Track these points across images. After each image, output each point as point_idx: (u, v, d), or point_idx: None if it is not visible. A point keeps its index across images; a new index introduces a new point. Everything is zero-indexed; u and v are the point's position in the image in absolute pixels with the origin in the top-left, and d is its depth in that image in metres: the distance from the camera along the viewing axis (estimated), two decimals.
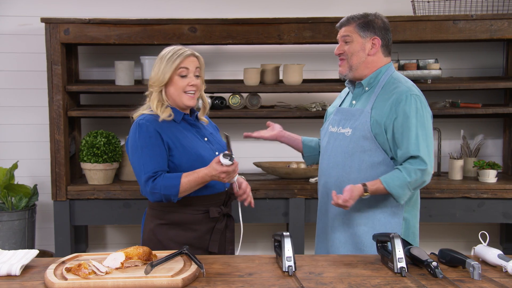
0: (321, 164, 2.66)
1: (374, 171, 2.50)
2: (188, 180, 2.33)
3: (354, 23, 2.55)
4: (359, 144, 2.51)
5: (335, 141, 2.58)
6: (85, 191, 3.79)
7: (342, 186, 2.48)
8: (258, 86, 3.87)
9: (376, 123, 2.48)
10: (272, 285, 1.93)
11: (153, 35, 3.70)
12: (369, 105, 2.52)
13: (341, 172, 2.54)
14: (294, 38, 3.71)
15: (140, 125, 2.39)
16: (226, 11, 4.01)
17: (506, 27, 3.65)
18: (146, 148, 2.36)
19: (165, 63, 2.40)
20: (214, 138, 2.54)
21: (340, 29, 2.60)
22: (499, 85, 3.86)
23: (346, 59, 2.56)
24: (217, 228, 2.47)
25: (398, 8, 4.00)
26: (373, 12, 2.60)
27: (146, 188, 2.36)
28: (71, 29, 3.67)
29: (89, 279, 1.86)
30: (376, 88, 2.55)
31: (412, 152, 2.44)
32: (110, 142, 3.80)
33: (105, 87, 3.85)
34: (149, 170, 2.35)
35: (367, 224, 2.54)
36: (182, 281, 1.89)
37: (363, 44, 2.54)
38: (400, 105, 2.46)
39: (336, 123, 2.61)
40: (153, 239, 2.46)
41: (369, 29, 2.54)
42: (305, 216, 3.78)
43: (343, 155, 2.54)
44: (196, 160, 2.39)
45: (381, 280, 1.98)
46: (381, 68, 2.57)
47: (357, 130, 2.51)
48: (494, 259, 2.09)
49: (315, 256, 2.25)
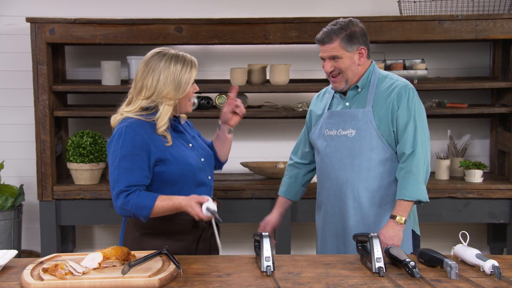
0: (323, 168, 2.64)
1: (382, 167, 2.54)
2: (162, 205, 2.20)
3: (337, 39, 2.51)
4: (366, 144, 2.53)
5: (337, 143, 2.58)
6: (71, 191, 3.78)
7: (354, 186, 2.54)
8: (245, 86, 3.87)
9: (381, 120, 2.52)
10: (250, 285, 1.93)
11: (139, 35, 3.69)
12: (368, 105, 2.55)
13: (350, 172, 2.55)
14: (280, 38, 3.71)
15: (126, 132, 2.22)
16: (212, 11, 4.01)
17: (491, 27, 3.66)
18: (126, 158, 2.20)
19: (180, 72, 2.26)
20: (197, 142, 2.45)
21: (322, 46, 2.55)
22: (485, 85, 3.87)
23: (341, 73, 2.55)
24: (204, 237, 2.41)
25: (384, 8, 4.01)
26: (345, 19, 2.55)
27: (117, 202, 2.20)
28: (57, 29, 3.66)
29: (65, 280, 1.86)
30: (370, 88, 2.57)
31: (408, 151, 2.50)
32: (96, 142, 3.79)
33: (91, 87, 3.84)
34: (124, 183, 2.19)
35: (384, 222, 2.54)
36: (159, 281, 1.89)
37: (352, 57, 2.53)
38: (402, 99, 2.51)
39: (333, 126, 2.60)
40: (137, 249, 2.30)
41: (353, 41, 2.52)
42: (291, 216, 3.78)
43: (349, 156, 2.55)
44: (186, 169, 2.30)
45: (358, 280, 1.99)
46: (369, 68, 2.60)
47: (362, 130, 2.53)
48: (472, 259, 2.10)
49: (295, 256, 2.26)
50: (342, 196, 2.58)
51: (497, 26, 3.66)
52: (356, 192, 2.55)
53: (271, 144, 4.22)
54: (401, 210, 2.47)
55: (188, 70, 2.30)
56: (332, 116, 2.63)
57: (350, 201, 2.56)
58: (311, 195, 3.76)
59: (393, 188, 2.56)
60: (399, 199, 2.48)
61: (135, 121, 2.25)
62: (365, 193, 2.55)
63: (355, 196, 2.55)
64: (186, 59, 2.32)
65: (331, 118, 2.63)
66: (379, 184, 2.54)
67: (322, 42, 2.55)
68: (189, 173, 2.31)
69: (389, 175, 2.55)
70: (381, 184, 2.55)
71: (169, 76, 2.26)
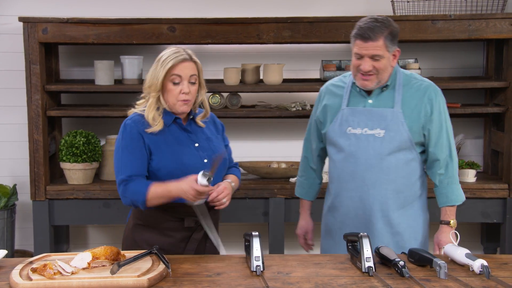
0: (346, 168, 2.55)
1: (408, 167, 2.52)
2: (156, 190, 2.25)
3: (381, 37, 2.40)
4: (396, 144, 2.48)
5: (363, 142, 2.50)
6: (64, 191, 3.78)
7: (382, 187, 2.49)
8: (238, 85, 3.87)
9: (412, 122, 2.48)
10: (239, 285, 1.93)
11: (132, 35, 3.69)
12: (397, 105, 2.49)
13: (378, 173, 2.49)
14: (273, 38, 3.71)
15: (125, 125, 2.33)
16: (205, 11, 4.01)
17: (484, 27, 3.67)
18: (126, 149, 2.30)
19: (159, 67, 2.30)
20: (209, 144, 2.42)
21: (364, 42, 2.42)
22: (478, 85, 3.88)
23: (375, 74, 2.46)
24: (194, 238, 2.39)
25: (378, 8, 4.00)
26: (381, 16, 2.46)
27: (119, 191, 2.31)
28: (50, 29, 3.65)
29: (54, 279, 1.86)
30: (397, 87, 2.52)
31: (445, 156, 2.52)
32: (89, 142, 3.79)
33: (85, 87, 3.84)
34: (125, 173, 2.28)
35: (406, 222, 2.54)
36: (148, 281, 1.89)
37: (389, 58, 2.46)
38: (434, 103, 2.50)
39: (357, 124, 2.52)
40: (130, 239, 2.42)
41: (394, 40, 2.44)
42: (285, 216, 3.79)
43: (377, 156, 2.49)
44: (177, 167, 2.30)
45: (348, 279, 1.99)
46: (395, 68, 2.54)
47: (392, 131, 2.48)
48: (461, 258, 2.10)
49: (286, 256, 2.26)
50: (369, 198, 2.51)
51: (490, 26, 3.67)
52: (384, 193, 2.50)
53: (264, 144, 4.22)
54: (452, 215, 2.54)
55: (164, 65, 2.29)
56: (355, 113, 2.53)
57: (377, 203, 2.51)
58: None
59: (415, 188, 2.55)
60: (450, 205, 2.53)
61: (136, 115, 2.35)
62: (392, 194, 2.51)
63: (383, 198, 2.50)
64: (173, 54, 2.30)
65: (354, 115, 2.53)
66: (405, 184, 2.52)
67: (365, 38, 2.41)
68: (180, 171, 2.29)
69: (413, 175, 2.54)
70: (407, 185, 2.53)
71: (154, 70, 2.32)
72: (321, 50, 4.13)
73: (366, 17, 2.47)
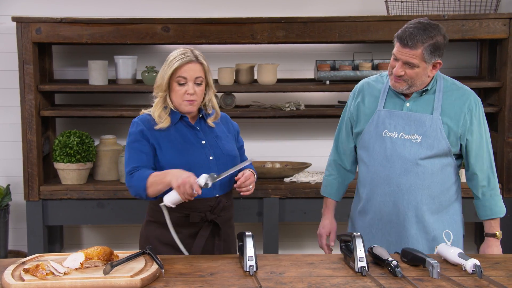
0: (381, 171, 2.48)
1: (443, 173, 2.47)
2: (154, 179, 2.28)
3: (421, 47, 2.32)
4: (433, 151, 2.43)
5: (400, 147, 2.45)
6: (58, 191, 3.77)
7: (417, 193, 2.45)
8: (233, 85, 3.87)
9: (450, 130, 2.44)
10: (232, 285, 1.93)
11: (126, 35, 3.68)
12: (436, 111, 2.43)
13: (415, 178, 2.44)
14: (268, 38, 3.71)
15: (133, 123, 2.43)
16: (199, 11, 4.01)
17: (477, 27, 3.68)
18: (132, 145, 2.39)
19: (166, 66, 2.37)
20: (217, 142, 2.45)
21: (402, 47, 2.35)
22: (472, 85, 3.81)
23: (406, 80, 2.40)
24: (201, 234, 2.40)
25: (372, 8, 4.01)
26: (432, 22, 2.38)
27: (126, 183, 2.38)
28: (43, 28, 3.65)
29: (46, 280, 1.85)
30: (437, 93, 2.46)
31: (486, 167, 2.49)
32: (83, 142, 3.78)
33: (79, 87, 3.83)
34: (130, 165, 2.37)
35: (442, 228, 2.49)
36: (141, 281, 1.89)
37: (426, 68, 2.38)
38: (473, 113, 2.45)
39: (394, 128, 2.46)
40: (144, 236, 2.47)
41: (436, 53, 2.36)
42: (279, 216, 3.79)
43: (413, 161, 2.44)
44: (182, 164, 2.33)
45: (341, 279, 1.99)
46: (436, 74, 2.49)
47: (430, 137, 2.43)
48: (454, 258, 2.11)
49: (279, 256, 2.26)
50: (403, 203, 2.46)
51: (483, 26, 3.68)
52: (420, 199, 2.45)
53: (259, 144, 4.22)
54: (497, 226, 2.51)
55: (171, 66, 2.34)
56: (393, 116, 2.47)
57: (411, 208, 2.46)
58: (298, 195, 3.79)
59: (450, 194, 2.51)
60: (491, 218, 2.50)
61: (145, 114, 2.44)
62: (427, 200, 2.46)
63: (418, 204, 2.45)
64: (180, 55, 2.35)
65: (391, 118, 2.47)
66: (440, 190, 2.48)
67: (404, 43, 2.35)
68: (185, 168, 2.31)
69: (448, 180, 2.49)
70: (441, 190, 2.48)
71: (162, 70, 2.39)
72: (315, 50, 4.13)
73: (418, 19, 2.41)
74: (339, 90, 3.87)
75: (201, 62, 2.37)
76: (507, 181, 3.81)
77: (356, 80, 3.84)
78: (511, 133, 3.79)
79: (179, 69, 2.34)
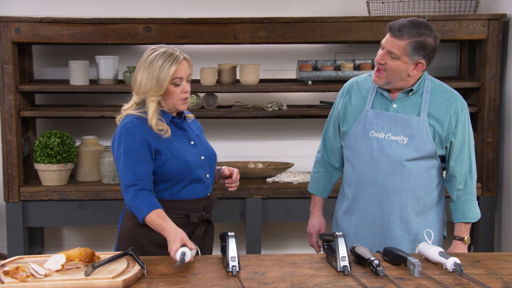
0: (368, 172, 2.49)
1: (428, 175, 2.49)
2: (153, 220, 2.23)
3: (407, 40, 2.35)
4: (419, 152, 2.44)
5: (386, 148, 2.46)
6: (38, 192, 3.74)
7: (402, 194, 2.46)
8: (215, 86, 3.87)
9: (436, 132, 2.45)
10: (214, 286, 1.93)
11: (107, 35, 3.66)
12: (423, 113, 2.44)
13: (400, 180, 2.45)
14: (250, 38, 3.71)
15: (127, 128, 2.32)
16: (181, 11, 4.00)
17: (457, 28, 3.72)
18: (130, 153, 2.30)
19: (159, 69, 2.30)
20: (200, 141, 2.48)
21: (390, 36, 2.39)
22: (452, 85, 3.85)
23: (385, 71, 2.41)
24: (197, 233, 2.42)
25: (353, 9, 4.03)
26: (428, 23, 2.41)
27: (126, 196, 2.30)
28: (23, 28, 3.61)
29: (26, 282, 1.84)
30: (424, 94, 2.47)
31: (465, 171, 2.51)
32: (64, 142, 3.75)
33: (59, 87, 3.80)
34: (132, 177, 2.29)
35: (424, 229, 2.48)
36: (122, 282, 1.88)
37: (408, 65, 2.39)
38: (459, 117, 2.47)
39: (381, 129, 2.47)
40: (130, 238, 2.39)
41: (420, 52, 2.37)
42: (261, 216, 3.79)
43: (399, 163, 2.45)
44: (182, 166, 2.35)
45: (323, 279, 2.00)
46: (423, 75, 2.49)
47: (416, 139, 2.44)
48: (435, 257, 2.13)
49: (262, 256, 2.26)
50: (388, 203, 2.47)
51: (463, 27, 3.72)
52: (405, 200, 2.46)
53: (241, 144, 4.22)
54: (466, 231, 2.53)
55: (168, 67, 2.31)
56: (380, 117, 2.48)
57: (396, 209, 2.47)
58: (281, 195, 3.80)
59: (433, 195, 2.53)
60: (466, 221, 2.52)
61: (136, 117, 2.35)
62: (412, 201, 2.48)
63: (403, 205, 2.47)
64: (170, 56, 2.32)
65: (378, 119, 2.48)
66: (425, 191, 2.49)
67: (392, 32, 2.38)
68: (185, 169, 2.35)
69: (432, 182, 2.51)
70: (426, 192, 2.50)
71: (151, 72, 2.32)
72: (297, 50, 4.14)
73: (416, 16, 2.45)
74: (321, 90, 3.89)
75: (187, 58, 2.38)
76: (487, 180, 3.86)
77: (338, 80, 3.86)
78: (490, 133, 3.84)
79: (176, 71, 2.32)
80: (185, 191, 2.39)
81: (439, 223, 2.58)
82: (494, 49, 3.76)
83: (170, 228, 2.18)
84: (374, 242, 2.51)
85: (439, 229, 2.57)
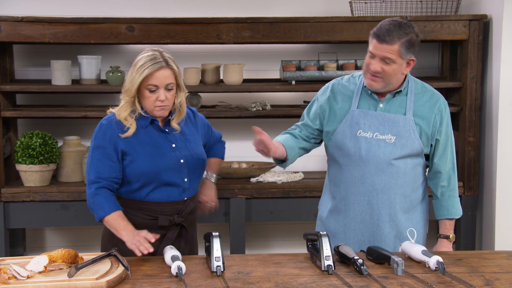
0: (357, 171, 2.50)
1: (414, 172, 2.52)
2: (114, 220, 2.28)
3: (398, 42, 2.37)
4: (406, 151, 2.47)
5: (374, 147, 2.48)
6: (20, 193, 3.70)
7: (391, 192, 2.49)
8: (199, 86, 3.86)
9: (422, 131, 2.48)
10: (199, 286, 1.93)
11: (90, 34, 3.63)
12: (409, 112, 2.47)
13: (388, 178, 2.48)
14: (233, 38, 3.71)
15: (101, 125, 2.37)
16: (164, 11, 3.98)
17: (438, 28, 3.75)
18: (97, 150, 2.34)
19: (135, 72, 2.31)
20: (187, 145, 2.44)
21: (378, 43, 2.39)
22: (434, 85, 3.87)
23: (382, 78, 2.42)
24: (168, 237, 2.40)
25: (337, 9, 4.05)
26: (404, 20, 2.43)
27: (88, 191, 2.34)
28: (3, 27, 3.57)
29: (8, 284, 1.82)
30: (409, 94, 2.50)
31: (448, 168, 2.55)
32: (46, 143, 3.71)
33: (41, 87, 3.76)
34: (94, 174, 2.32)
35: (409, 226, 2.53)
36: (106, 283, 1.87)
37: (402, 65, 2.42)
38: (443, 115, 2.52)
39: (368, 128, 2.49)
40: (106, 238, 2.42)
41: (411, 49, 2.41)
42: (245, 216, 3.79)
43: (387, 161, 2.47)
44: (151, 169, 2.34)
45: (307, 278, 2.01)
46: (407, 75, 2.52)
47: (403, 138, 2.47)
48: (418, 255, 2.15)
49: (246, 256, 2.27)
50: (377, 202, 2.49)
51: (444, 27, 3.75)
52: (393, 198, 2.49)
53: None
54: (451, 229, 2.58)
55: (142, 70, 2.30)
56: (367, 116, 2.50)
57: (385, 207, 2.49)
58: (265, 195, 3.80)
59: (419, 193, 2.56)
60: (450, 218, 2.56)
61: (113, 116, 2.37)
62: (400, 199, 2.50)
63: (391, 203, 2.49)
64: (150, 61, 2.30)
65: (365, 118, 2.50)
66: (411, 189, 2.52)
67: (380, 39, 2.38)
68: (152, 172, 2.33)
69: (418, 179, 2.54)
70: (412, 189, 2.52)
71: (132, 73, 2.34)
72: (280, 50, 4.15)
73: (391, 18, 2.46)
74: (304, 90, 3.90)
75: (172, 67, 2.33)
76: (468, 179, 3.90)
77: (322, 80, 3.87)
78: (471, 132, 3.88)
79: (149, 77, 2.29)
80: (155, 193, 2.37)
81: (423, 220, 2.61)
82: (475, 49, 3.80)
83: (128, 229, 2.23)
84: (363, 241, 2.53)
85: (423, 226, 2.61)
